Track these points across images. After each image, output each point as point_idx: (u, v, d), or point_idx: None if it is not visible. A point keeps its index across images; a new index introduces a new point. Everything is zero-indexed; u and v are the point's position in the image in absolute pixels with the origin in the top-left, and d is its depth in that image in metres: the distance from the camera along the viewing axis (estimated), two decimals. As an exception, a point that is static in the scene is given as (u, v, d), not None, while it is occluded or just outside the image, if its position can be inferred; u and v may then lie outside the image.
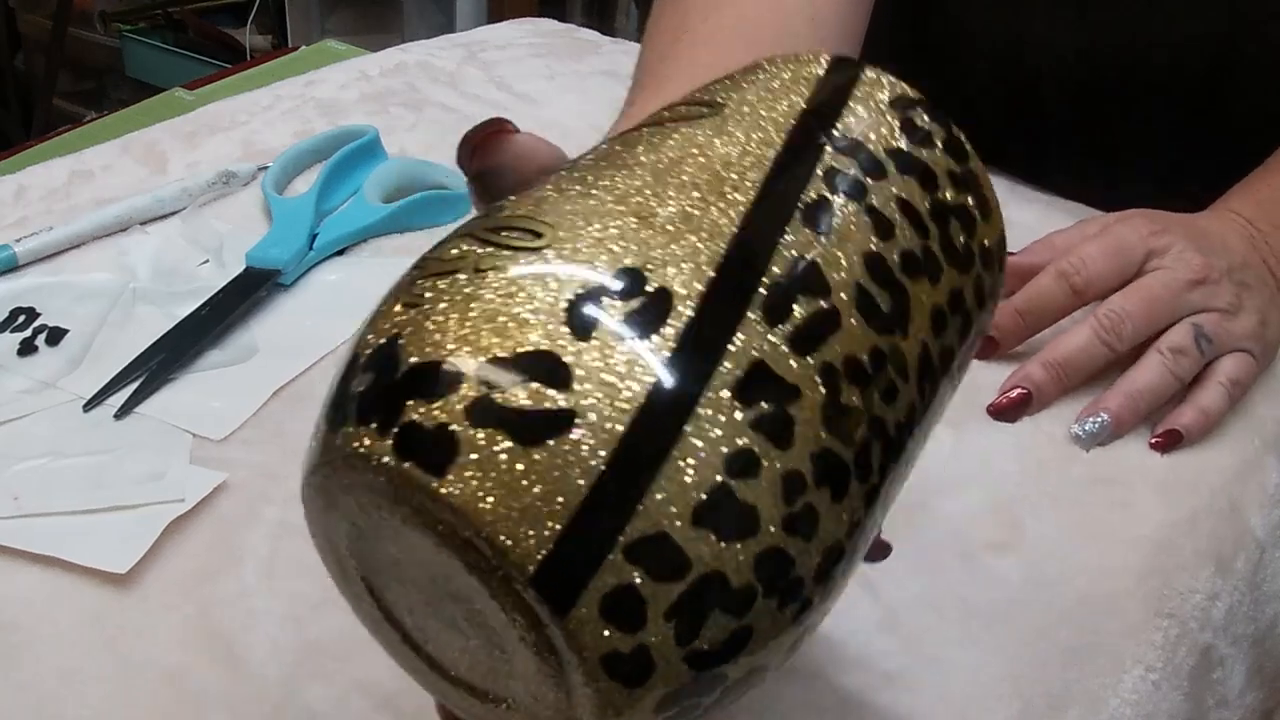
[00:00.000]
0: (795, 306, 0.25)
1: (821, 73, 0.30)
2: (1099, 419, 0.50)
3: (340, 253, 0.61)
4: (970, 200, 0.31)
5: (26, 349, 0.52)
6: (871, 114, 0.29)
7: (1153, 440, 0.50)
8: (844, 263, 0.27)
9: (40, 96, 2.08)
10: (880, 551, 0.35)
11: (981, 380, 0.53)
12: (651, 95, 0.46)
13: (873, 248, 0.27)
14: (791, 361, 0.25)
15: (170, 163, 0.68)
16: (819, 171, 0.27)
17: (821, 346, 0.25)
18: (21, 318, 0.54)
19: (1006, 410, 0.51)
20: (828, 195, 0.27)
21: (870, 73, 0.30)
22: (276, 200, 0.63)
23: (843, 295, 0.26)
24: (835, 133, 0.28)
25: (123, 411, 0.49)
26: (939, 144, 0.30)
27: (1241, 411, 0.52)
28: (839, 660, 0.40)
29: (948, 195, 0.30)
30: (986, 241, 0.31)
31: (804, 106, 0.29)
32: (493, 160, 0.31)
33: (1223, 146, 0.61)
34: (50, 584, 0.40)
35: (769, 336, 0.25)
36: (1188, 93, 0.67)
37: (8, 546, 0.41)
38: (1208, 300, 0.51)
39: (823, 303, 0.26)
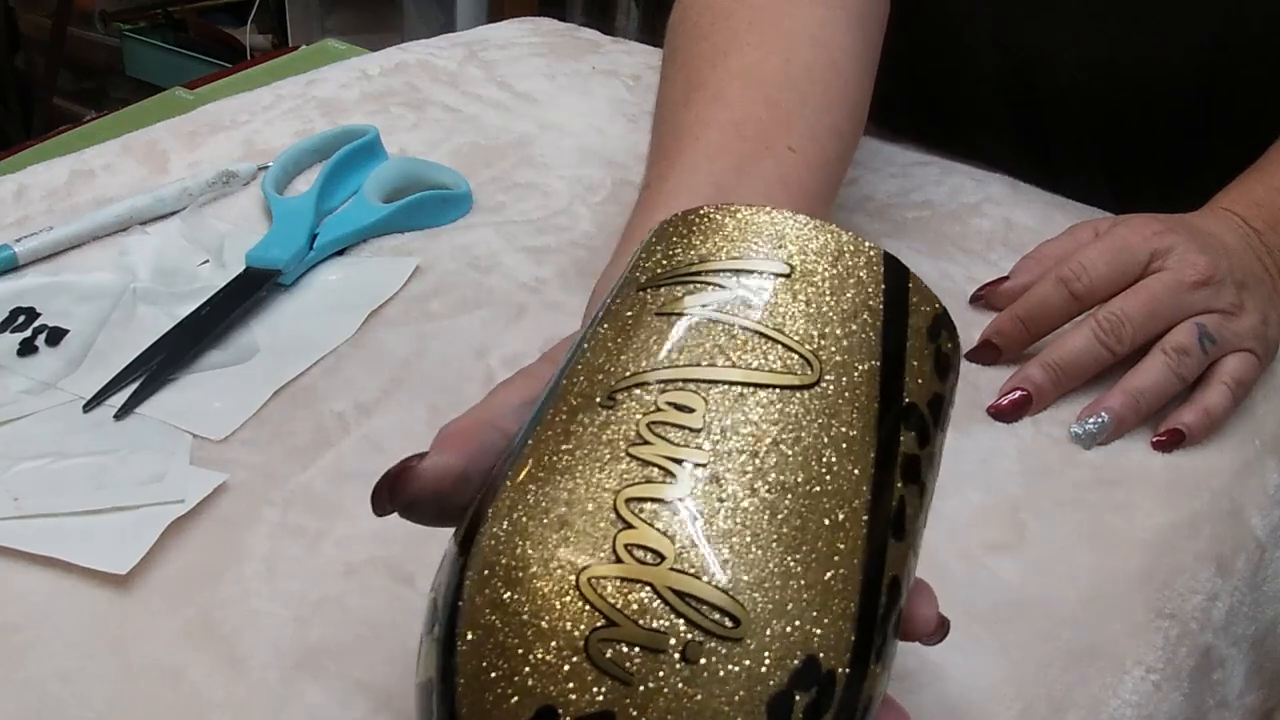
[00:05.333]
0: (890, 628, 0.29)
1: (881, 297, 0.31)
2: (1100, 418, 0.50)
3: (340, 253, 0.61)
4: (955, 380, 0.33)
5: (26, 349, 0.52)
6: (920, 358, 0.31)
7: (1155, 439, 0.50)
8: (915, 555, 0.30)
9: (40, 96, 2.08)
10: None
11: (982, 381, 0.53)
12: (669, 170, 0.47)
13: (920, 519, 0.31)
14: (885, 679, 0.29)
15: (170, 162, 0.68)
16: (899, 461, 0.29)
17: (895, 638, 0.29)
18: (21, 318, 0.54)
19: (1006, 411, 0.51)
20: (904, 494, 0.29)
21: (915, 293, 0.31)
22: (276, 200, 0.63)
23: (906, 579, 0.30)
24: (905, 404, 0.30)
25: (123, 412, 0.49)
26: (952, 364, 0.32)
27: (1242, 412, 0.52)
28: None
29: (951, 406, 0.33)
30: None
31: (880, 369, 0.30)
32: (406, 498, 0.32)
33: (1224, 150, 0.61)
34: (50, 584, 0.40)
35: (882, 675, 0.28)
36: (1188, 99, 0.67)
37: (8, 547, 0.41)
38: (1210, 301, 0.51)
39: (901, 607, 0.29)
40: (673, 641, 0.25)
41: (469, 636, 0.27)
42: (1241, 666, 0.47)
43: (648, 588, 0.26)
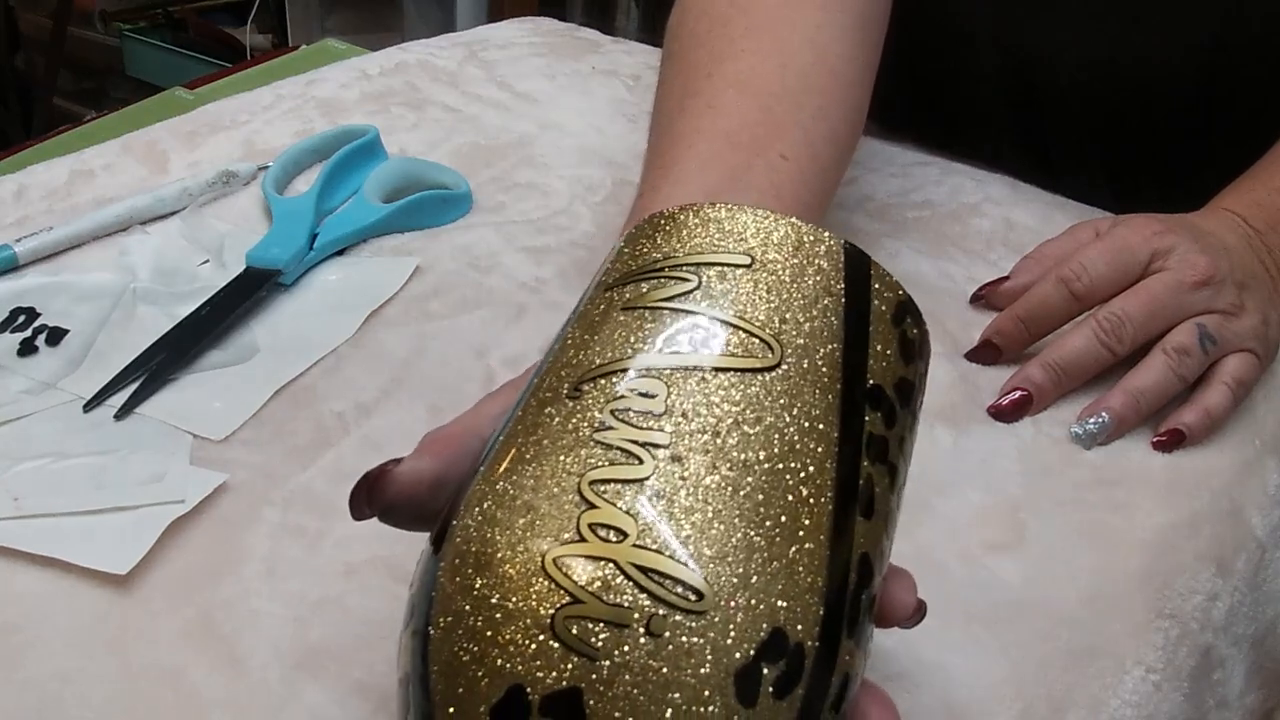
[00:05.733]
0: (862, 607, 0.29)
1: (842, 283, 0.31)
2: (1100, 418, 0.50)
3: (340, 252, 0.61)
4: (925, 368, 0.33)
5: (27, 349, 0.52)
6: (884, 342, 0.31)
7: (1155, 439, 0.50)
8: (889, 537, 0.31)
9: (40, 96, 2.08)
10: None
11: (982, 381, 0.53)
12: (661, 179, 0.47)
13: (892, 500, 0.31)
14: (859, 658, 0.29)
15: (171, 162, 0.68)
16: (865, 441, 0.30)
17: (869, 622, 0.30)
18: (22, 318, 0.54)
19: (1006, 411, 0.51)
20: (871, 472, 0.30)
21: (877, 279, 0.32)
22: (277, 200, 0.63)
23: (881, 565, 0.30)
24: (869, 385, 0.30)
25: (123, 412, 0.49)
26: (919, 350, 0.33)
27: (1242, 412, 0.52)
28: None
29: (922, 394, 0.33)
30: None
31: (843, 352, 0.30)
32: (383, 503, 0.33)
33: (1224, 150, 0.61)
34: (50, 585, 0.40)
35: (856, 652, 0.29)
36: (1188, 99, 0.67)
37: (8, 547, 0.41)
38: (1211, 301, 0.51)
39: (875, 588, 0.30)
40: (637, 616, 0.26)
41: (441, 624, 0.28)
42: (1242, 666, 0.47)
43: (611, 564, 0.26)
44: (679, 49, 0.56)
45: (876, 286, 0.32)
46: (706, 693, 0.26)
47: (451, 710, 0.27)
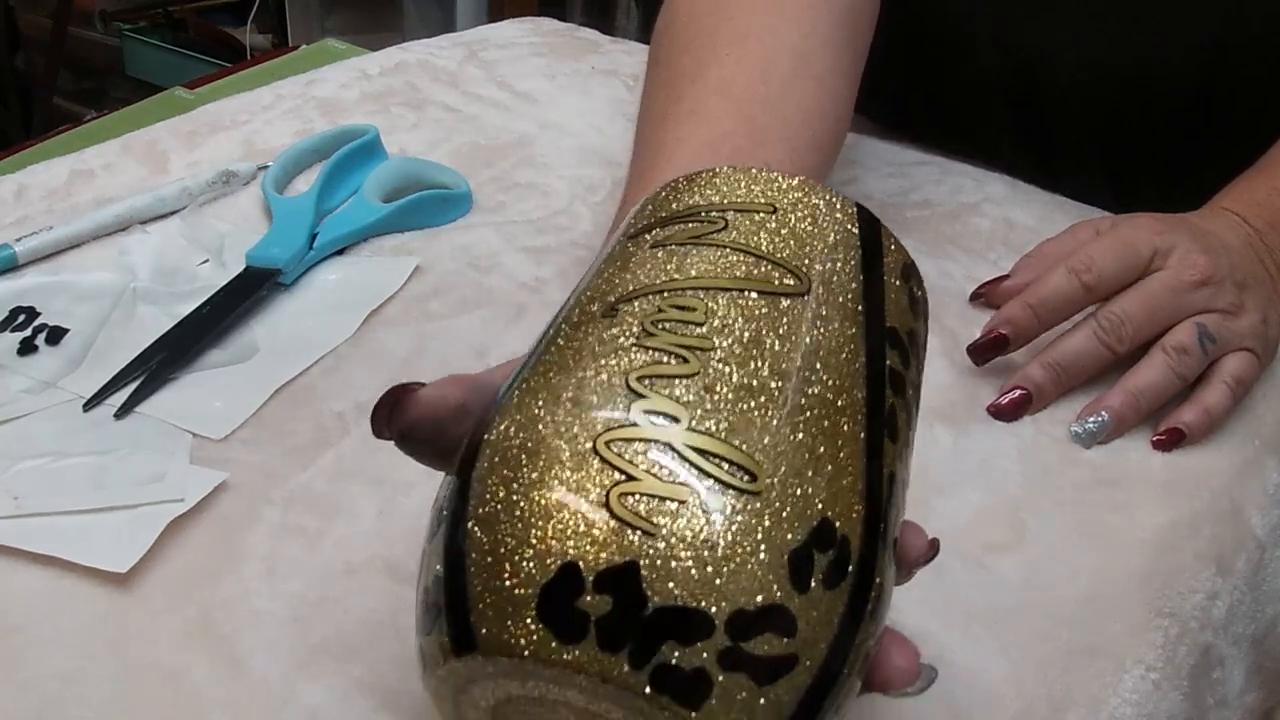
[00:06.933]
0: (891, 525, 0.29)
1: (857, 232, 0.33)
2: (1100, 418, 0.50)
3: (340, 252, 0.61)
4: (926, 330, 0.35)
5: (27, 348, 0.52)
6: (896, 293, 0.32)
7: (1155, 438, 0.50)
8: (907, 469, 0.31)
9: (40, 96, 2.08)
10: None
11: (982, 381, 0.53)
12: (644, 190, 0.47)
13: (911, 435, 0.32)
14: (889, 580, 0.29)
15: (171, 162, 0.68)
16: (887, 373, 0.31)
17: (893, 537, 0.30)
18: (22, 317, 0.54)
19: (1006, 410, 0.51)
20: (894, 402, 0.31)
21: (886, 239, 0.33)
22: (276, 200, 0.63)
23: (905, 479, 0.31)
24: (886, 325, 0.31)
25: (123, 411, 0.49)
26: (923, 310, 0.34)
27: (1242, 412, 0.52)
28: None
29: (924, 355, 0.34)
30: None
31: (863, 290, 0.31)
32: (406, 421, 0.33)
33: (1224, 150, 0.61)
34: (50, 584, 0.40)
35: (887, 545, 0.29)
36: (1188, 99, 0.67)
37: (8, 546, 0.41)
38: (1211, 301, 0.51)
39: (900, 512, 0.30)
40: (692, 493, 0.26)
41: (481, 514, 0.27)
42: (1241, 666, 0.47)
43: (666, 447, 0.27)
44: (664, 54, 0.56)
45: (887, 243, 0.33)
46: (761, 572, 0.26)
47: (491, 599, 0.26)
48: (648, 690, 0.25)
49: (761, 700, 0.26)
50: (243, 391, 0.50)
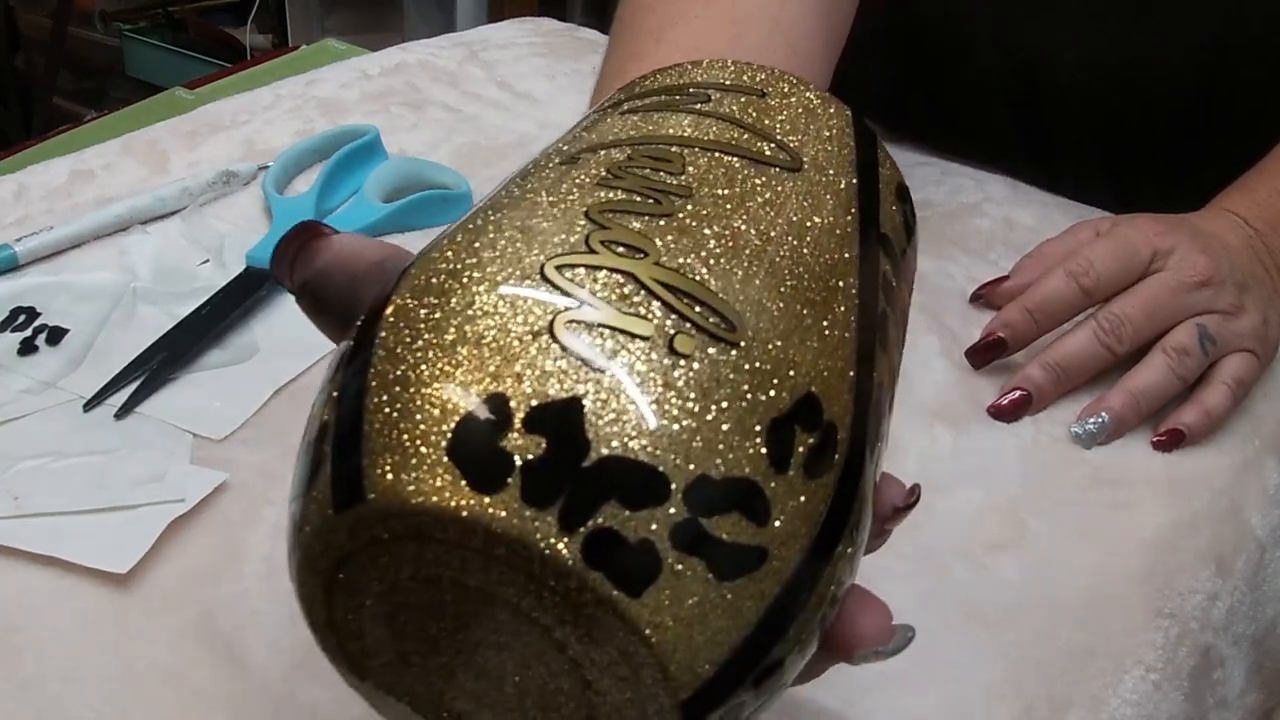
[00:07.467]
0: (880, 448, 0.25)
1: (852, 133, 0.29)
2: (1100, 418, 0.50)
3: (340, 252, 0.61)
4: (915, 257, 0.31)
5: (27, 349, 0.52)
6: (891, 206, 0.29)
7: (1155, 439, 0.50)
8: (891, 365, 0.27)
9: (40, 96, 2.08)
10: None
11: (982, 381, 0.53)
12: None
13: (898, 358, 0.28)
14: (867, 513, 0.25)
15: (171, 162, 0.68)
16: (880, 277, 0.27)
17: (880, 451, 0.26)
18: (22, 317, 0.54)
19: (1006, 411, 0.51)
20: (885, 309, 0.26)
21: (882, 153, 0.30)
22: (277, 200, 0.63)
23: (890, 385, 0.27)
24: (881, 230, 0.28)
25: (123, 411, 0.49)
26: (914, 231, 0.30)
27: (1242, 412, 0.52)
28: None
29: (914, 268, 0.31)
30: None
31: (857, 189, 0.27)
32: (314, 266, 0.28)
33: (1224, 150, 0.61)
34: (50, 584, 0.40)
35: (875, 465, 0.25)
36: (1188, 99, 0.67)
37: (8, 546, 0.41)
38: (1211, 302, 0.51)
39: (885, 431, 0.26)
40: (658, 329, 0.21)
41: (391, 341, 0.22)
42: (1241, 666, 0.47)
43: (630, 277, 0.22)
44: (629, 14, 0.53)
45: (882, 157, 0.29)
46: (733, 434, 0.21)
47: (393, 436, 0.21)
48: (577, 562, 0.20)
49: (717, 599, 0.20)
50: (243, 391, 0.50)
